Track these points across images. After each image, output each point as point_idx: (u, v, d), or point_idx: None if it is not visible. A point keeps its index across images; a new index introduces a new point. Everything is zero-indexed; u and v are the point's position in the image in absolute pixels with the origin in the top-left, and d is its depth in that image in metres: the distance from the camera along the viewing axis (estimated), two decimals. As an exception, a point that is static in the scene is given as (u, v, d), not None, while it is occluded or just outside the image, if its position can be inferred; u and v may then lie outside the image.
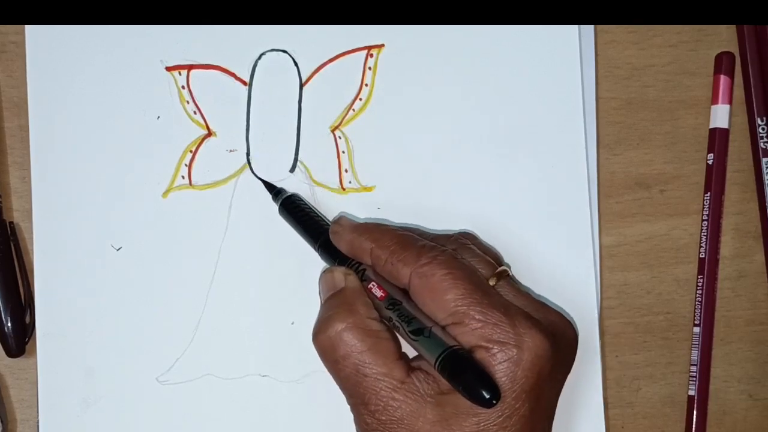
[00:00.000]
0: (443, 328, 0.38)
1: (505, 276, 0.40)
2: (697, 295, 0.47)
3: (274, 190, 0.45)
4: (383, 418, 0.38)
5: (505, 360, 0.36)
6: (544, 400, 0.38)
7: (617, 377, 0.47)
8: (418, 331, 0.38)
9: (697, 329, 0.47)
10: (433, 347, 0.37)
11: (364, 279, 0.41)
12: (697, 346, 0.47)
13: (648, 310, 0.47)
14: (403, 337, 0.39)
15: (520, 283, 0.43)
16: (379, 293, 0.40)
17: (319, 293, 0.42)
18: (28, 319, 0.44)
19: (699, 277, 0.47)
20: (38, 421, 0.44)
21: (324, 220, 0.44)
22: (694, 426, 0.46)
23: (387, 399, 0.38)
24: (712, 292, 0.47)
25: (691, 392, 0.47)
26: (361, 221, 0.44)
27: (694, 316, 0.47)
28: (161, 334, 0.45)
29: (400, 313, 0.39)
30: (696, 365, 0.47)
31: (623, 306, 0.47)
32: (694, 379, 0.47)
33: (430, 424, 0.37)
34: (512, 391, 0.36)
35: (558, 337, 0.38)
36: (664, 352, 0.47)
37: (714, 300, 0.47)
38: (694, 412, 0.47)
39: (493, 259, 0.41)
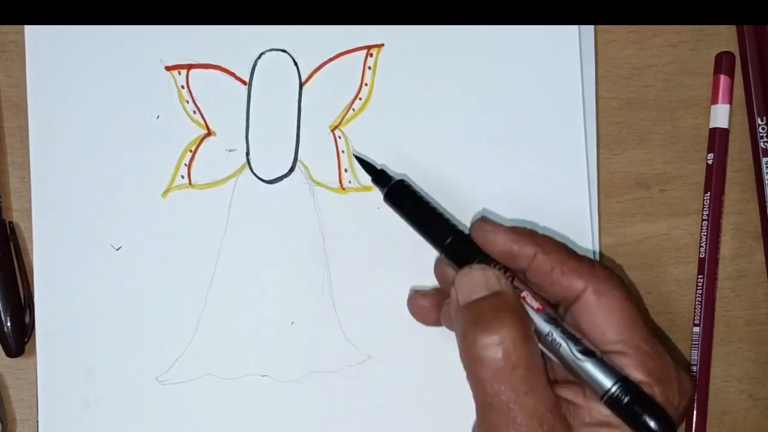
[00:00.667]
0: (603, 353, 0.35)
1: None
2: (697, 295, 0.47)
3: (376, 173, 0.42)
4: None
5: (666, 402, 0.34)
6: None
7: (617, 377, 0.47)
8: (588, 352, 0.34)
9: (697, 329, 0.47)
10: (607, 374, 0.34)
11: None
12: (697, 346, 0.47)
13: (648, 309, 0.47)
14: (558, 356, 0.35)
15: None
16: (535, 304, 0.36)
17: (453, 291, 0.37)
18: (27, 319, 0.44)
19: (699, 276, 0.47)
20: (38, 421, 0.44)
21: (446, 214, 0.40)
22: (694, 426, 0.46)
23: (533, 427, 0.33)
24: (712, 292, 0.47)
25: (691, 392, 0.47)
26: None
27: (694, 316, 0.47)
28: (161, 334, 0.45)
29: (563, 329, 0.35)
30: (696, 365, 0.47)
31: (623, 306, 0.47)
32: (694, 379, 0.47)
33: None
34: None
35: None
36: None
37: (714, 300, 0.47)
38: (694, 412, 0.46)
39: None
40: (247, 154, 0.46)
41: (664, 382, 0.34)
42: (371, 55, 0.46)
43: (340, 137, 0.46)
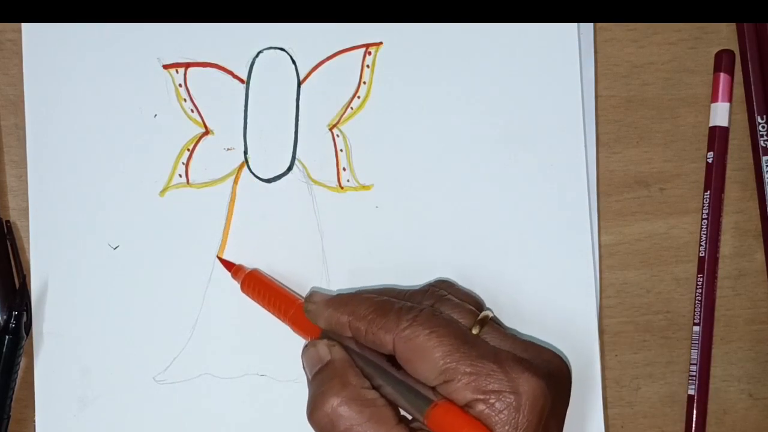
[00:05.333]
0: (434, 388, 0.37)
1: (489, 321, 0.39)
2: (697, 294, 0.47)
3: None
4: None
5: (505, 408, 0.36)
6: None
7: (617, 377, 0.47)
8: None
9: (696, 328, 0.47)
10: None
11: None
12: (696, 345, 0.47)
13: (647, 309, 0.47)
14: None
15: (505, 325, 0.43)
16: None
17: (304, 368, 0.41)
18: (24, 318, 0.44)
19: (699, 275, 0.47)
20: (35, 420, 0.44)
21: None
22: (693, 425, 0.46)
23: None
24: (712, 291, 0.47)
25: (691, 392, 0.47)
26: (335, 294, 0.43)
27: (694, 315, 0.47)
28: (158, 333, 0.45)
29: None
30: (696, 364, 0.46)
31: (623, 305, 0.47)
32: (694, 378, 0.46)
33: None
34: None
35: (552, 374, 0.38)
36: (664, 351, 0.47)
37: (714, 299, 0.47)
38: (694, 412, 0.46)
39: (474, 305, 0.41)
40: (245, 152, 0.45)
41: (496, 392, 0.36)
42: (369, 53, 0.46)
43: (338, 136, 0.46)
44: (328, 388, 0.38)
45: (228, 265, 0.45)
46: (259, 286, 0.43)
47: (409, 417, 0.39)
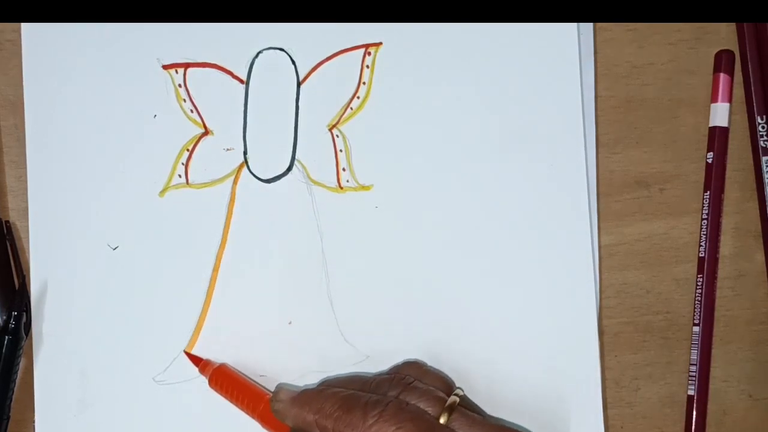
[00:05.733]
0: None
1: (457, 408, 0.39)
2: (697, 294, 0.47)
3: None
4: None
5: None
6: None
7: (616, 377, 0.47)
8: None
9: (696, 329, 0.47)
10: None
11: None
12: (696, 345, 0.47)
13: (647, 309, 0.47)
14: None
15: (475, 405, 0.43)
16: None
17: None
18: (24, 319, 0.44)
19: (698, 276, 0.47)
20: (35, 421, 0.44)
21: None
22: (693, 426, 0.46)
23: None
24: (712, 291, 0.47)
25: (691, 392, 0.47)
26: (301, 389, 0.42)
27: (694, 315, 0.47)
28: (158, 334, 0.45)
29: None
30: (695, 365, 0.46)
31: (622, 305, 0.47)
32: (694, 378, 0.46)
33: None
34: None
35: None
36: (664, 351, 0.47)
37: (713, 299, 0.47)
38: (694, 412, 0.46)
39: (443, 388, 0.40)
40: (245, 153, 0.45)
41: None
42: (369, 53, 0.46)
43: (338, 136, 0.46)
44: None
45: (195, 360, 0.44)
46: (226, 381, 0.43)
47: None
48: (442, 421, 0.38)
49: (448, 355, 0.45)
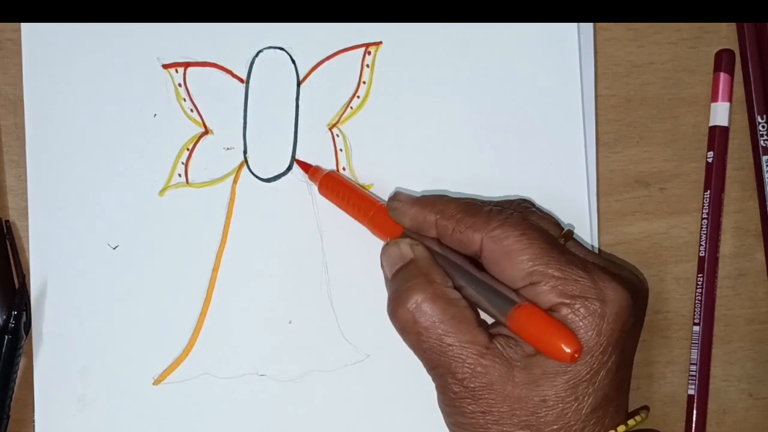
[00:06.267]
0: (518, 290, 0.38)
1: (571, 236, 0.40)
2: (697, 293, 0.47)
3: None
4: (472, 385, 0.37)
5: (589, 314, 0.36)
6: (628, 353, 0.39)
7: (617, 376, 0.47)
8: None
9: (696, 328, 0.47)
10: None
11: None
12: (696, 345, 0.47)
13: (647, 308, 0.47)
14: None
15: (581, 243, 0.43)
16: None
17: (382, 268, 0.41)
18: (24, 318, 0.44)
19: (699, 275, 0.47)
20: (34, 420, 0.44)
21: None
22: (693, 425, 0.46)
23: (474, 365, 0.37)
24: (712, 290, 0.47)
25: (691, 391, 0.47)
26: (419, 194, 0.43)
27: (694, 314, 0.47)
28: (158, 333, 0.45)
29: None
30: (696, 364, 0.46)
31: (623, 305, 0.47)
32: (694, 378, 0.46)
33: (520, 387, 0.37)
34: (599, 344, 0.36)
35: (634, 291, 0.38)
36: (664, 351, 0.47)
37: (714, 299, 0.47)
38: (694, 412, 0.46)
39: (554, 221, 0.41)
40: (245, 152, 0.45)
41: (581, 297, 0.36)
42: (369, 53, 0.46)
43: (338, 135, 0.46)
44: (413, 284, 0.38)
45: (305, 166, 0.45)
46: (337, 186, 0.43)
47: (489, 321, 0.39)
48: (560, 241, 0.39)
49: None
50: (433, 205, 0.40)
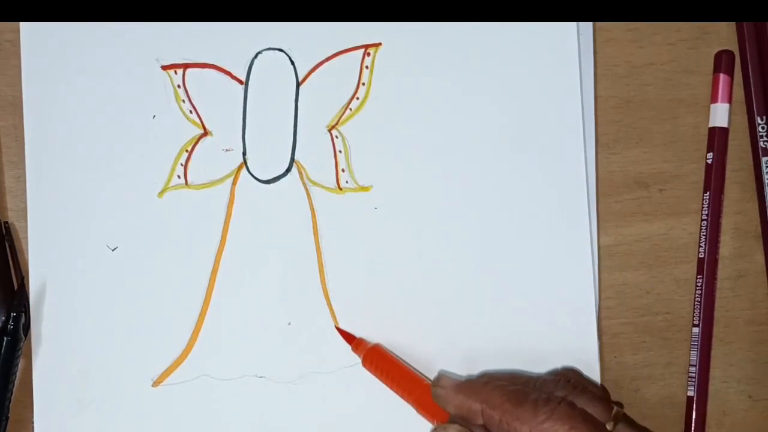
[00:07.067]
0: None
1: (621, 417, 0.39)
2: (697, 295, 0.47)
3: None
4: None
5: None
6: None
7: (616, 378, 0.47)
8: None
9: (696, 329, 0.47)
10: None
11: None
12: (696, 346, 0.47)
13: (647, 310, 0.47)
14: None
15: (634, 421, 0.42)
16: None
17: None
18: (23, 320, 0.44)
19: (698, 277, 0.47)
20: (33, 421, 0.44)
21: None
22: (693, 427, 0.46)
23: None
24: (712, 292, 0.47)
25: (691, 393, 0.47)
26: (463, 379, 0.42)
27: (694, 316, 0.47)
28: (157, 334, 0.45)
29: None
30: (695, 366, 0.46)
31: (622, 306, 0.47)
32: (693, 379, 0.46)
33: None
34: None
35: None
36: (663, 352, 0.47)
37: (713, 300, 0.47)
38: (693, 413, 0.46)
39: (603, 396, 0.41)
40: (244, 153, 0.45)
41: None
42: (369, 54, 0.46)
43: (337, 137, 0.46)
44: None
45: (348, 337, 0.44)
46: (382, 362, 0.43)
47: None
48: (608, 427, 0.38)
49: (446, 355, 0.45)
50: (478, 394, 0.39)
